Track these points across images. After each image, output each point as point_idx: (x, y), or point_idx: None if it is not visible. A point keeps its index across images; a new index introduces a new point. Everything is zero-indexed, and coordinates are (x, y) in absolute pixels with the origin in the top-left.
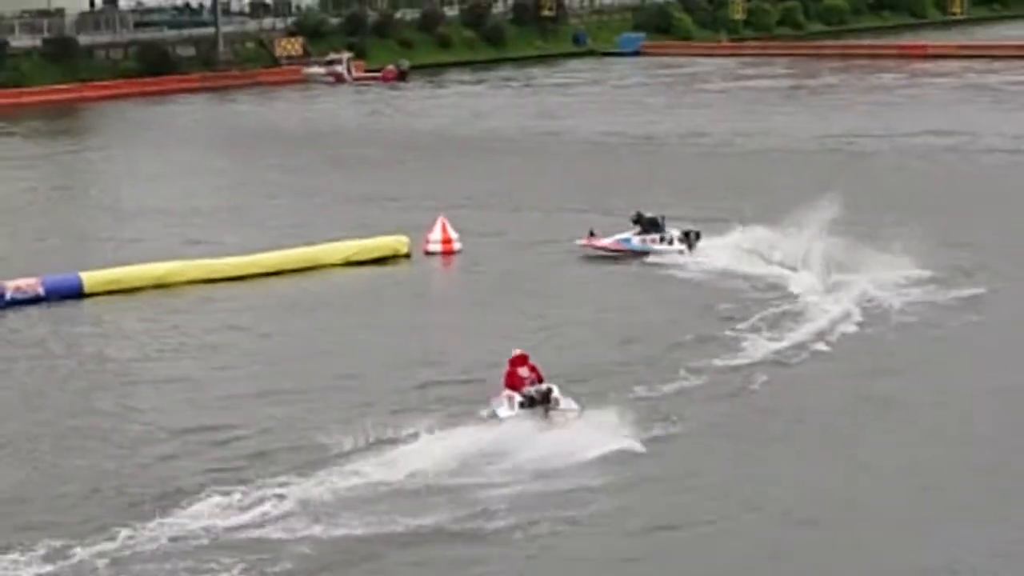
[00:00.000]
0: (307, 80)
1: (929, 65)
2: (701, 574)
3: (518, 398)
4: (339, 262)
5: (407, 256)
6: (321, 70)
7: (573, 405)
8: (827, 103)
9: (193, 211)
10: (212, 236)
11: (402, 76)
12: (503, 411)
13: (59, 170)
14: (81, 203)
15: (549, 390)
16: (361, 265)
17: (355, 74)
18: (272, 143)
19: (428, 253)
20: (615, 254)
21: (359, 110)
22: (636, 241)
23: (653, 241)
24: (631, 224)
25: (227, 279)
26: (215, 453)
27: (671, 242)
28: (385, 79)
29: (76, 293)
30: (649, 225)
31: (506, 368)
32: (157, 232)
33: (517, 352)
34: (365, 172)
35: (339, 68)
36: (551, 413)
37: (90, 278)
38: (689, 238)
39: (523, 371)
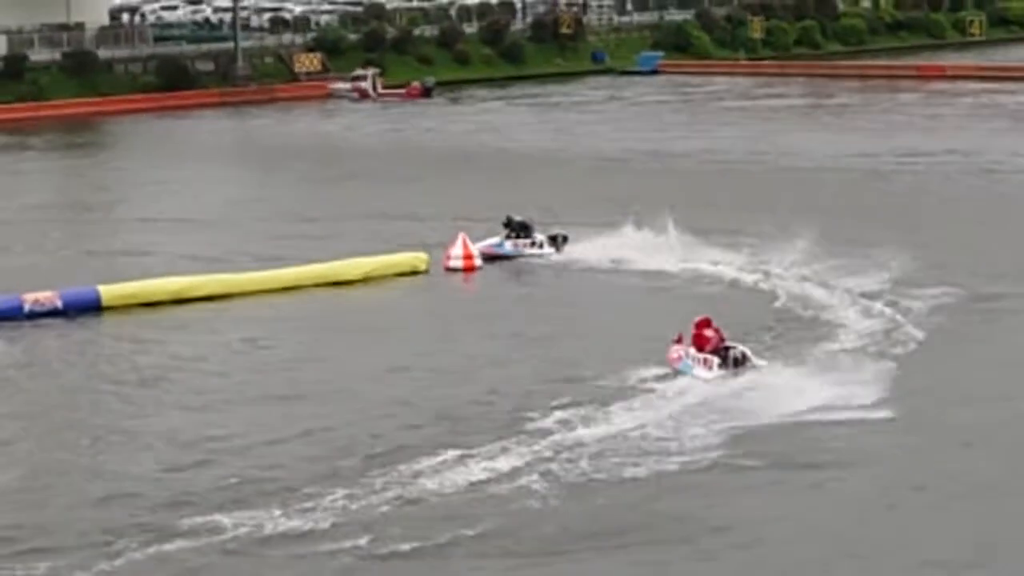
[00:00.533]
0: (332, 95)
1: (947, 85)
2: None
3: (716, 360)
4: (358, 278)
5: (426, 272)
6: (347, 85)
7: (763, 363)
8: (842, 122)
9: (211, 225)
10: (230, 251)
11: (427, 93)
12: (700, 372)
13: (77, 184)
14: (99, 217)
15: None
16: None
17: (380, 90)
18: (291, 158)
19: (449, 269)
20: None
21: (378, 127)
22: (508, 245)
23: (524, 245)
24: (502, 228)
25: (245, 294)
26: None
27: (540, 245)
28: (410, 95)
29: (94, 306)
30: (519, 229)
31: (691, 332)
32: (175, 246)
33: (701, 317)
34: (384, 187)
35: (364, 84)
36: (745, 370)
37: (108, 292)
38: (556, 241)
39: (708, 332)
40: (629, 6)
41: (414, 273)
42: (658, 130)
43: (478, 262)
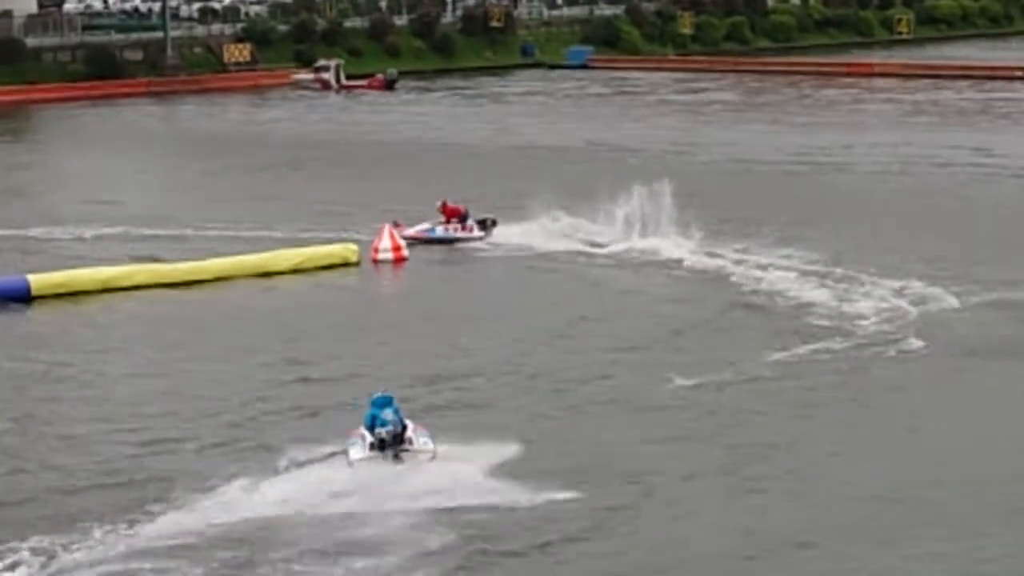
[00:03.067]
0: (295, 86)
1: (875, 82)
2: None
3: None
4: (287, 269)
5: (357, 264)
6: (309, 76)
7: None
8: (766, 118)
9: (139, 215)
10: (159, 240)
11: (390, 85)
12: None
13: (2, 172)
14: (26, 206)
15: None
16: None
17: (343, 82)
18: (219, 148)
19: (377, 261)
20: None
21: (308, 118)
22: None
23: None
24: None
25: (175, 284)
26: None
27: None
28: (372, 87)
29: (24, 296)
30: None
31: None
32: (103, 236)
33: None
34: (313, 178)
35: (327, 75)
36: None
37: (37, 281)
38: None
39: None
40: (559, 0)
41: (345, 264)
42: (583, 123)
43: (406, 253)
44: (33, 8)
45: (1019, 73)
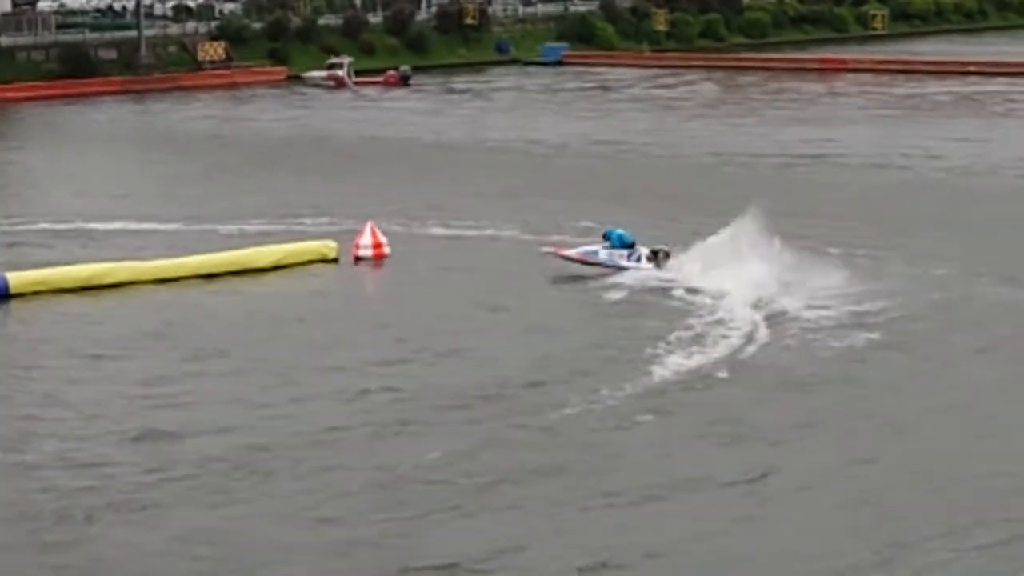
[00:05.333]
0: (308, 84)
1: (849, 78)
2: None
3: None
4: (267, 266)
5: (335, 261)
6: (322, 74)
7: None
8: (738, 114)
9: (118, 213)
10: (137, 237)
11: (404, 81)
12: None
13: None
14: (2, 203)
15: None
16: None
17: (356, 79)
18: (196, 146)
19: (358, 258)
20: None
21: (284, 115)
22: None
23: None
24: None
25: (154, 281)
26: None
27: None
28: (387, 83)
29: (1, 294)
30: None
31: None
32: (79, 234)
33: None
34: (292, 176)
35: (340, 72)
36: None
37: (16, 279)
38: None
39: None
40: None
41: (324, 261)
42: (557, 120)
43: (387, 250)
44: (7, 7)
45: (972, 68)
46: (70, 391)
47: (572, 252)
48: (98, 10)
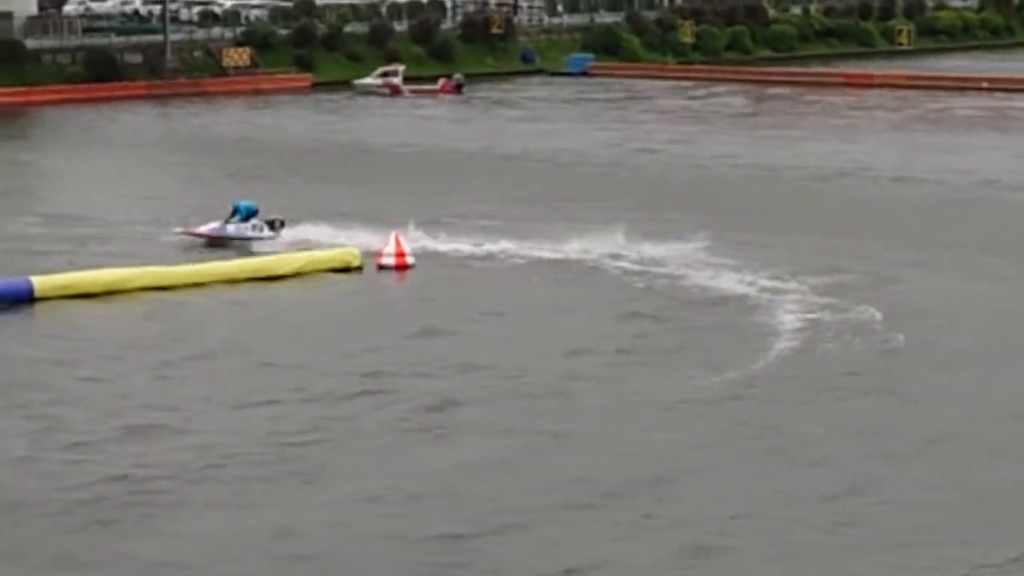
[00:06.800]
0: (360, 92)
1: (874, 93)
2: None
3: None
4: (290, 273)
5: (359, 269)
6: (377, 81)
7: None
8: (763, 127)
9: (141, 217)
10: (162, 243)
11: (458, 89)
12: None
13: (2, 174)
14: (28, 207)
15: None
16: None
17: (410, 87)
18: (220, 151)
19: (381, 267)
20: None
21: (310, 122)
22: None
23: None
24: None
25: (178, 287)
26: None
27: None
28: (443, 91)
29: (27, 298)
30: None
31: None
32: (105, 237)
33: None
34: (317, 184)
35: (395, 80)
36: None
37: (41, 283)
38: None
39: None
40: (560, 7)
41: (347, 269)
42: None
43: (411, 260)
44: (33, 10)
45: (985, 84)
46: (90, 390)
47: (203, 229)
48: (124, 14)
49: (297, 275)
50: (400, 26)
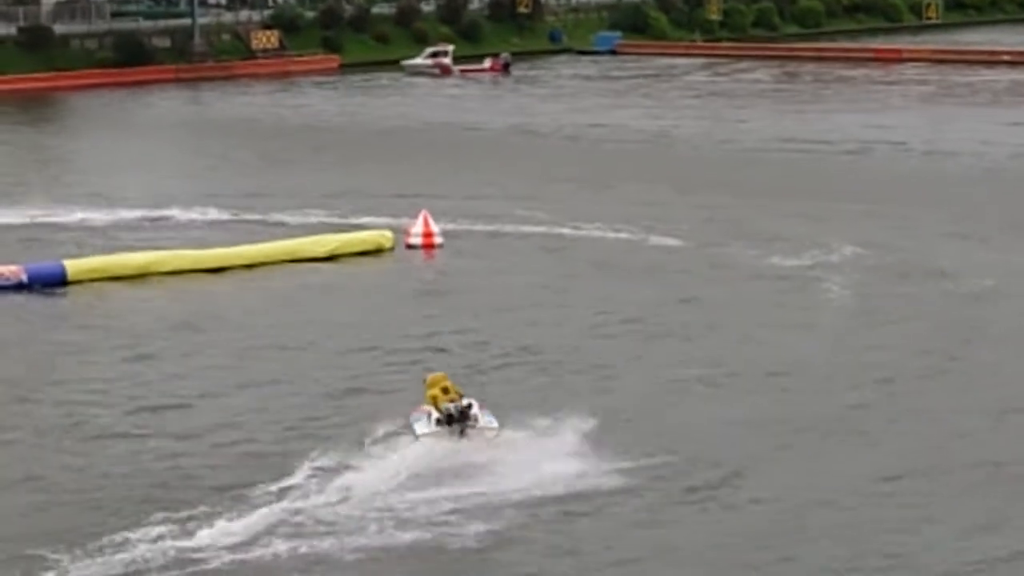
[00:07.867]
0: (410, 73)
1: (903, 68)
2: None
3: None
4: (322, 255)
5: (391, 250)
6: (428, 61)
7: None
8: (793, 103)
9: (173, 200)
10: (194, 226)
11: (506, 68)
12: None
13: (33, 158)
14: (60, 191)
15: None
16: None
17: (460, 67)
18: (249, 135)
19: (409, 246)
20: None
21: (338, 105)
22: None
23: None
24: None
25: (210, 270)
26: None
27: None
28: (493, 70)
29: (60, 281)
30: None
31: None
32: (135, 221)
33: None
34: (349, 164)
35: (445, 60)
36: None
37: (73, 266)
38: None
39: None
40: None
41: (379, 251)
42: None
43: (438, 239)
44: None
45: (1007, 58)
46: (123, 371)
47: None
48: None
49: (330, 257)
50: (428, 6)
